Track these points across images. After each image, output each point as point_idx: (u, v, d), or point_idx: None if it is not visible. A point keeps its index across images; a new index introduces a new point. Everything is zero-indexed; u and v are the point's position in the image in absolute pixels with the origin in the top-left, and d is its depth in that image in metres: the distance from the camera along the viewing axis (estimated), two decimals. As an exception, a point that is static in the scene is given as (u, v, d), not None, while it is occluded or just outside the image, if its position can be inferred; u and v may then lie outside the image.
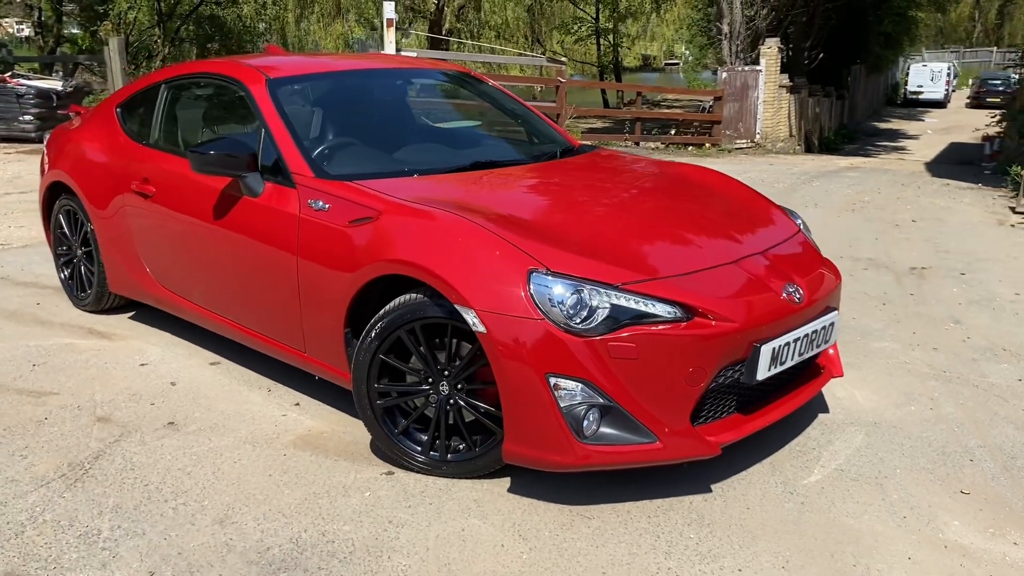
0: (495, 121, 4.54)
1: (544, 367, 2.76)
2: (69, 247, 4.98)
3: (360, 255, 3.16)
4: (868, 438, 3.48)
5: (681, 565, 2.65)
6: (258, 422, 3.59)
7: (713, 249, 3.21)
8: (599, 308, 2.77)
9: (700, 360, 2.82)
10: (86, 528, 2.82)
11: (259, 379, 4.03)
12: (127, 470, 3.19)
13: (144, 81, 4.62)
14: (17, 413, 3.65)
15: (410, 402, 3.16)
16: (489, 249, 2.90)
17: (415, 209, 3.14)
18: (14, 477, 3.14)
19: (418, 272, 2.95)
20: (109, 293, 4.77)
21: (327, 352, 3.43)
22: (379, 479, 3.15)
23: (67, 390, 3.89)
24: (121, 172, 4.37)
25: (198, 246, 3.93)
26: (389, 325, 3.05)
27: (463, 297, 2.83)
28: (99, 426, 3.54)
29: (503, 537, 2.79)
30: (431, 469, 3.15)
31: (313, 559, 2.67)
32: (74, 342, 4.50)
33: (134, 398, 3.82)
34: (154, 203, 4.14)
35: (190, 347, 4.43)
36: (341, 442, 3.44)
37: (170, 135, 4.37)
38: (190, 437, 3.46)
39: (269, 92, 3.82)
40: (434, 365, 3.06)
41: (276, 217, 3.50)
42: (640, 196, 3.70)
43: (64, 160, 4.81)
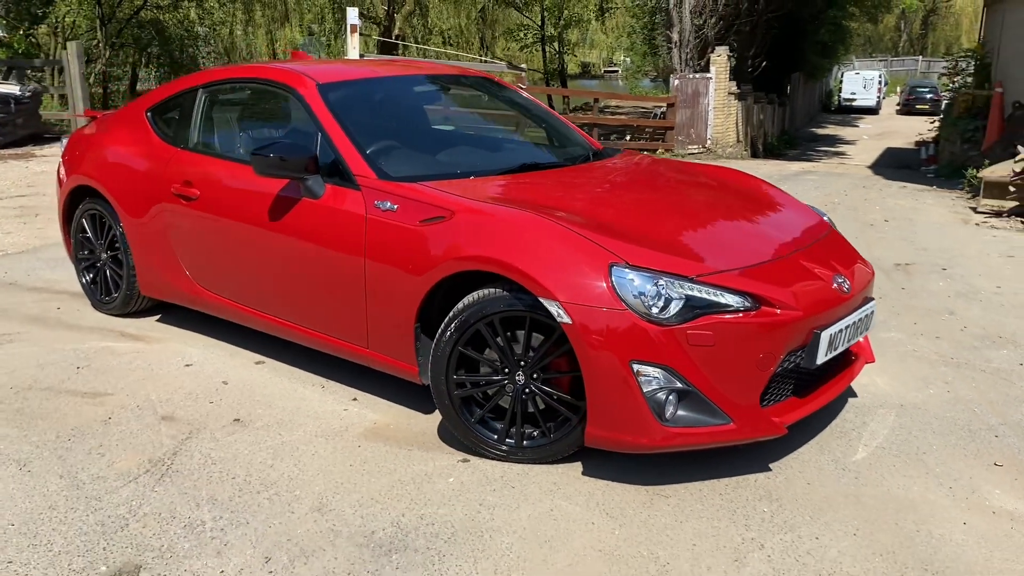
0: (524, 124, 4.70)
1: (628, 355, 2.94)
2: (92, 251, 4.99)
3: (434, 253, 3.30)
4: (899, 419, 3.74)
5: (762, 535, 2.86)
6: (322, 417, 3.70)
7: (766, 243, 3.43)
8: (676, 299, 2.97)
9: (770, 346, 3.04)
10: (189, 519, 2.90)
11: (308, 376, 4.13)
12: (209, 465, 3.27)
13: (176, 86, 4.67)
14: (79, 414, 3.69)
15: (486, 392, 3.30)
16: (569, 245, 3.07)
17: (490, 208, 3.30)
18: (99, 474, 3.19)
19: (500, 268, 3.10)
20: (138, 296, 4.80)
21: (393, 347, 3.56)
22: (457, 466, 3.29)
23: (121, 391, 3.94)
24: (158, 175, 4.42)
25: (248, 247, 4.01)
26: (469, 318, 3.20)
27: (548, 290, 3.00)
28: (166, 424, 3.60)
29: (591, 515, 2.97)
30: (507, 456, 3.30)
31: (419, 540, 2.80)
32: (110, 345, 4.53)
33: (191, 397, 3.88)
34: (198, 206, 4.20)
35: (229, 347, 4.49)
36: (409, 433, 3.57)
37: (213, 139, 4.44)
38: (260, 432, 3.55)
39: (322, 97, 3.93)
40: (511, 356, 3.21)
41: (340, 218, 3.61)
42: (687, 194, 3.91)
43: (89, 164, 4.82)
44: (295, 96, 4.01)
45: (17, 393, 3.90)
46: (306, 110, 3.93)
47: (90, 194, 4.89)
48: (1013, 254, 6.80)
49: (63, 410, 3.73)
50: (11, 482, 3.12)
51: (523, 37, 33.54)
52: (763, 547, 2.80)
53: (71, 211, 5.09)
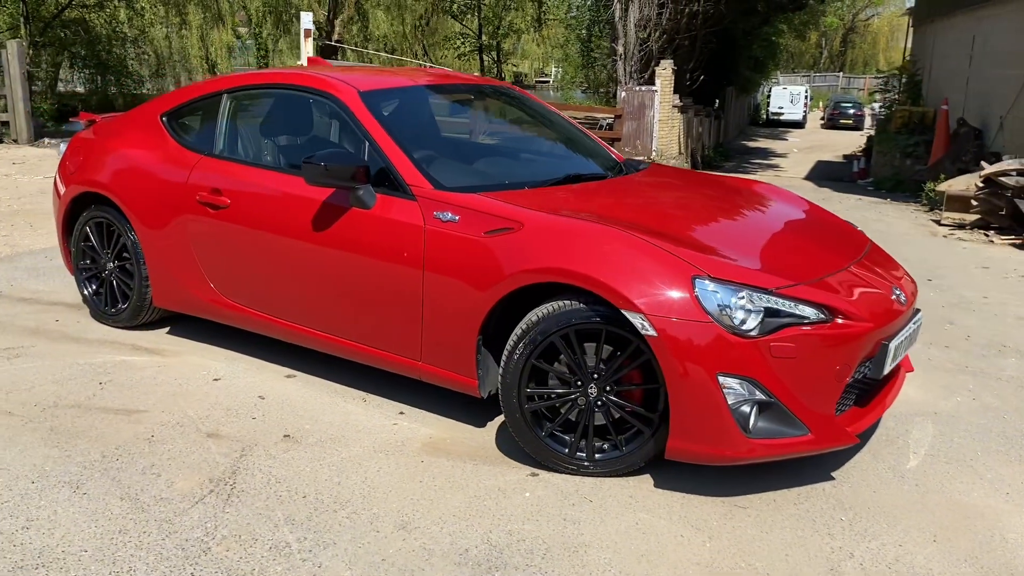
0: (553, 134, 4.68)
1: (715, 367, 2.96)
2: (96, 261, 4.79)
3: (502, 265, 3.26)
4: (937, 427, 3.85)
5: (848, 544, 2.91)
6: (374, 432, 3.61)
7: (824, 256, 3.50)
8: (757, 311, 3.00)
9: (847, 357, 3.10)
10: (272, 541, 2.80)
11: (346, 390, 4.03)
12: (273, 483, 3.17)
13: (195, 90, 4.52)
14: (118, 432, 3.53)
15: (554, 405, 3.28)
16: (650, 258, 3.08)
17: (563, 221, 3.28)
18: (161, 495, 3.06)
19: (581, 280, 3.09)
20: (150, 308, 4.62)
21: (451, 360, 3.51)
22: (528, 480, 3.26)
23: (155, 407, 3.78)
24: (179, 183, 4.26)
25: (285, 258, 3.90)
26: (545, 331, 3.17)
27: (632, 303, 3.00)
28: (214, 441, 3.47)
29: (677, 528, 2.97)
30: (578, 469, 3.28)
31: (515, 557, 2.76)
32: (127, 359, 4.34)
33: (231, 413, 3.75)
34: (228, 215, 4.07)
35: (254, 361, 4.36)
36: (469, 447, 3.51)
37: (244, 146, 4.30)
38: (315, 449, 3.45)
39: (367, 106, 3.86)
40: (585, 368, 3.20)
41: (395, 229, 3.55)
42: (736, 207, 3.95)
43: (97, 170, 4.62)
44: (336, 104, 3.92)
45: (44, 411, 3.70)
46: (349, 118, 3.85)
47: (96, 201, 4.69)
48: (988, 265, 7.09)
49: (100, 428, 3.55)
50: (69, 506, 2.96)
51: (460, 46, 33.54)
52: (852, 556, 2.84)
53: (71, 219, 4.87)
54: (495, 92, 4.89)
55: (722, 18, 23.04)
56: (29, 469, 3.20)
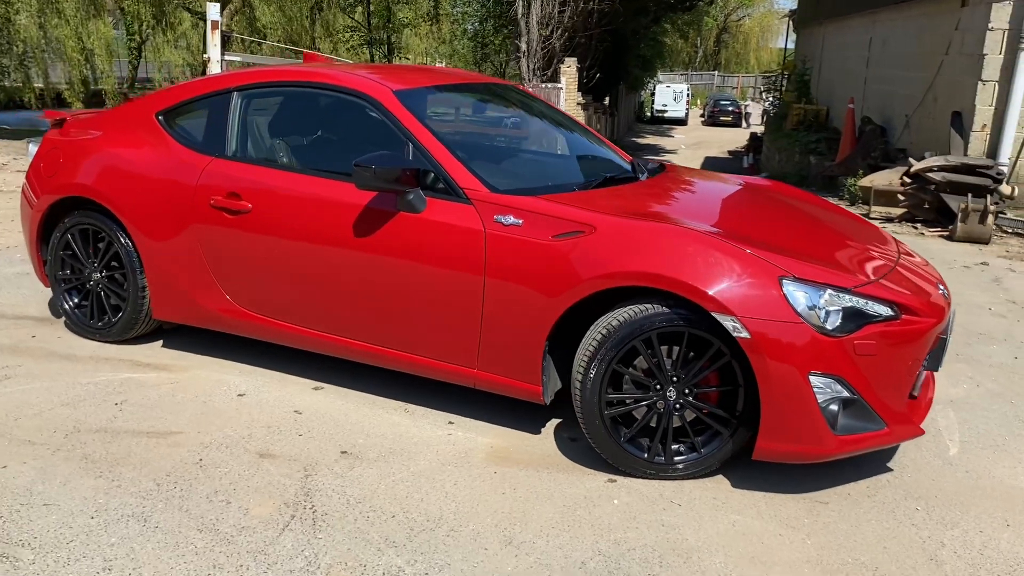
0: (568, 135, 4.63)
1: (807, 367, 3.00)
2: (79, 271, 4.44)
3: (576, 269, 3.21)
4: (958, 414, 4.04)
5: (935, 533, 3.01)
6: (432, 444, 3.50)
7: (874, 254, 3.60)
8: (838, 310, 3.06)
9: (917, 352, 3.21)
10: (383, 567, 2.67)
11: (383, 401, 3.89)
12: (354, 504, 3.01)
13: (195, 88, 4.23)
14: (161, 457, 3.28)
15: (632, 410, 3.26)
16: (735, 259, 3.09)
17: (639, 223, 3.25)
18: (241, 524, 2.86)
19: (667, 284, 3.07)
20: (146, 320, 4.32)
21: (514, 367, 3.43)
22: (608, 487, 3.22)
23: (189, 428, 3.53)
24: (186, 186, 3.99)
25: (320, 265, 3.72)
26: (627, 336, 3.14)
27: (723, 306, 3.00)
28: (270, 462, 3.28)
29: (772, 527, 3.00)
30: (656, 473, 3.27)
31: (633, 567, 2.73)
32: (132, 376, 4.04)
33: (273, 431, 3.55)
34: (249, 221, 3.84)
35: (271, 374, 4.14)
36: (533, 456, 3.45)
37: (262, 148, 4.06)
38: (380, 465, 3.30)
39: (406, 106, 3.72)
40: (665, 372, 3.19)
41: (451, 234, 3.44)
42: (776, 206, 4.01)
43: (83, 173, 4.27)
44: (371, 104, 3.76)
45: (68, 437, 3.40)
46: (389, 120, 3.70)
47: (80, 207, 4.34)
48: (929, 257, 7.48)
49: (139, 453, 3.30)
50: (146, 542, 2.73)
51: (349, 38, 32.88)
52: (944, 545, 2.94)
53: (47, 227, 4.50)
54: (507, 91, 4.80)
55: (616, 16, 23.51)
56: (81, 503, 2.93)
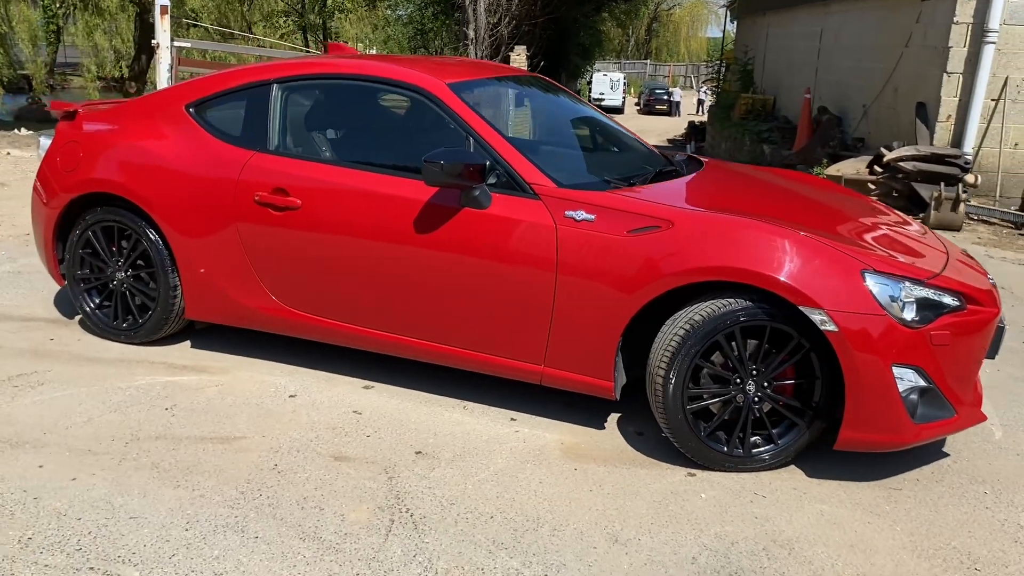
0: (604, 127, 4.60)
1: (891, 358, 3.07)
2: (101, 270, 4.25)
3: (655, 264, 3.21)
4: (988, 399, 4.17)
5: (1011, 516, 3.11)
6: (502, 441, 3.47)
7: (927, 246, 3.68)
8: (914, 301, 3.14)
9: (983, 341, 3.31)
10: (501, 569, 2.64)
11: (437, 399, 3.83)
12: (448, 505, 2.97)
13: (229, 79, 4.07)
14: (234, 464, 3.17)
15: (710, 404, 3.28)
16: (817, 253, 3.13)
17: (718, 217, 3.27)
18: (342, 531, 2.79)
19: (753, 279, 3.09)
20: (176, 320, 4.17)
21: (585, 363, 3.42)
22: (691, 481, 3.24)
23: (251, 432, 3.43)
24: (225, 181, 3.86)
25: (376, 262, 3.64)
26: (712, 330, 3.16)
27: (812, 299, 3.04)
28: (348, 465, 3.20)
29: (859, 515, 3.06)
30: (734, 466, 3.30)
31: (742, 560, 2.75)
32: (172, 380, 3.90)
33: (339, 433, 3.47)
34: (298, 217, 3.74)
35: (316, 373, 4.04)
36: (606, 451, 3.45)
37: (308, 142, 3.94)
38: (459, 465, 3.26)
39: (463, 99, 3.66)
40: (746, 366, 3.22)
41: (520, 230, 3.40)
42: (826, 199, 4.05)
43: (108, 168, 4.09)
44: (426, 98, 3.69)
45: (129, 446, 3.27)
46: (446, 114, 3.64)
47: (103, 203, 4.16)
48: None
49: (210, 460, 3.18)
50: (251, 554, 2.64)
51: (284, 24, 32.21)
52: (1022, 526, 3.05)
53: (64, 224, 4.30)
54: (540, 84, 4.73)
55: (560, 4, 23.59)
56: (169, 515, 2.82)
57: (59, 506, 2.82)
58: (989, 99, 8.98)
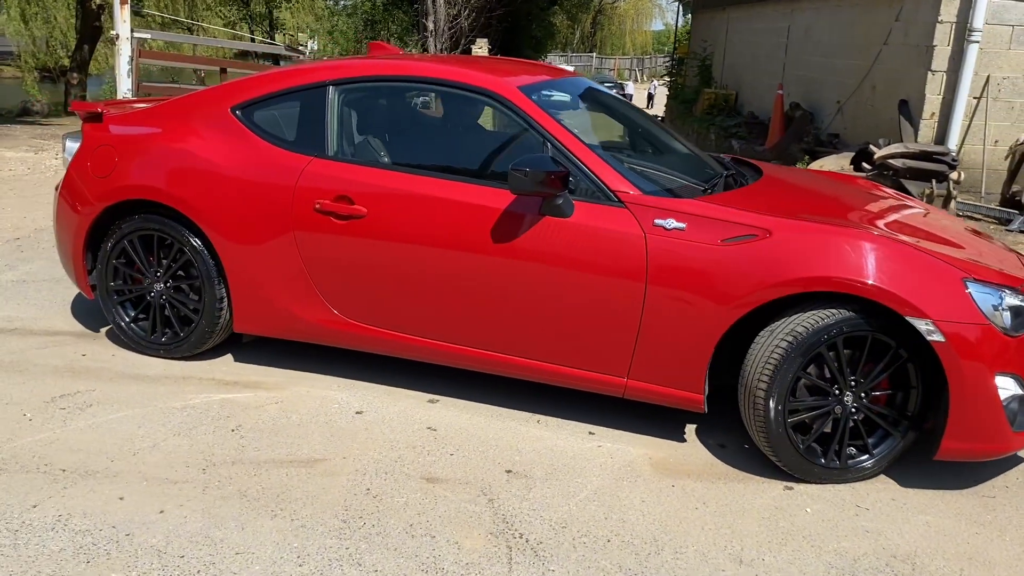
0: (655, 129, 4.49)
1: (993, 367, 3.05)
2: (137, 282, 4.03)
3: (752, 275, 3.14)
4: None
5: (1107, 522, 3.14)
6: (588, 457, 3.37)
7: (1001, 252, 3.69)
8: (1011, 309, 3.13)
9: (1065, 346, 3.32)
10: (637, 596, 2.54)
11: (510, 412, 3.72)
12: (559, 529, 2.86)
13: (277, 80, 3.87)
14: (324, 489, 3.02)
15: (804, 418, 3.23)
16: (919, 262, 3.10)
17: (817, 226, 3.21)
18: (462, 560, 2.66)
19: (858, 289, 3.04)
20: (221, 333, 3.97)
21: (673, 376, 3.34)
22: (791, 495, 3.19)
23: (330, 454, 3.27)
24: (283, 188, 3.68)
25: (449, 273, 3.50)
26: (816, 342, 3.10)
27: (919, 310, 3.00)
28: (442, 487, 3.07)
29: (964, 526, 3.05)
30: (831, 478, 3.26)
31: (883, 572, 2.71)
32: (226, 397, 3.70)
33: (421, 452, 3.33)
34: (364, 226, 3.58)
35: (376, 387, 3.89)
36: (697, 465, 3.38)
37: (370, 147, 3.76)
38: (555, 484, 3.15)
39: (538, 104, 3.54)
40: (846, 377, 3.18)
41: (605, 239, 3.30)
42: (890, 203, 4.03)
43: (148, 174, 3.86)
44: (498, 102, 3.56)
45: (207, 472, 3.08)
46: (521, 119, 3.52)
47: (140, 210, 3.93)
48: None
49: (297, 485, 3.02)
50: (376, 587, 2.50)
51: (227, 14, 31.46)
52: (1121, 533, 3.07)
53: (96, 233, 4.06)
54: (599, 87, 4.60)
55: (512, 0, 23.51)
56: (276, 549, 2.66)
57: (156, 543, 2.64)
58: (972, 97, 9.15)
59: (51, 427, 3.34)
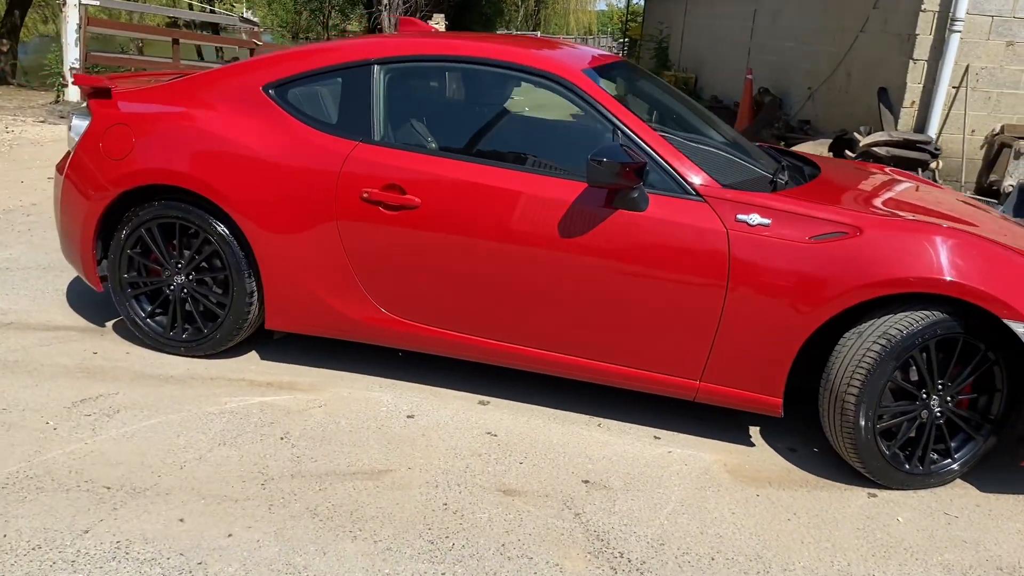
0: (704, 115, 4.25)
1: (1083, 370, 2.98)
2: (154, 273, 3.71)
3: (843, 274, 3.00)
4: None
5: None
6: (663, 464, 3.20)
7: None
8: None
9: None
10: (761, 621, 2.39)
11: (567, 415, 3.53)
12: (659, 546, 2.69)
13: (314, 57, 3.57)
14: (399, 505, 2.78)
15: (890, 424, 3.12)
16: (1009, 262, 2.99)
17: (909, 224, 3.08)
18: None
19: (956, 290, 2.92)
20: (248, 329, 3.69)
21: (751, 379, 3.19)
22: (876, 502, 3.08)
23: (393, 464, 3.03)
24: (326, 174, 3.40)
25: (510, 269, 3.28)
26: (910, 346, 2.98)
27: (1017, 312, 2.90)
28: (522, 501, 2.87)
29: (1055, 534, 2.98)
30: (914, 484, 3.16)
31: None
32: (266, 400, 3.43)
33: (486, 460, 3.12)
34: (416, 217, 3.33)
35: (418, 387, 3.65)
36: (774, 472, 3.24)
37: (423, 132, 3.49)
38: (637, 494, 2.98)
39: (605, 88, 3.33)
40: (935, 381, 3.07)
41: (684, 235, 3.12)
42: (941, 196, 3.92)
43: (172, 156, 3.53)
44: (562, 86, 3.33)
45: (266, 487, 2.82)
46: (588, 104, 3.31)
47: (159, 196, 3.61)
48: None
49: (368, 501, 2.78)
50: (488, 619, 2.30)
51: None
52: None
53: (108, 220, 3.72)
54: (631, 68, 4.34)
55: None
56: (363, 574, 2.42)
57: (234, 572, 2.38)
58: (951, 86, 9.21)
59: (80, 437, 3.03)
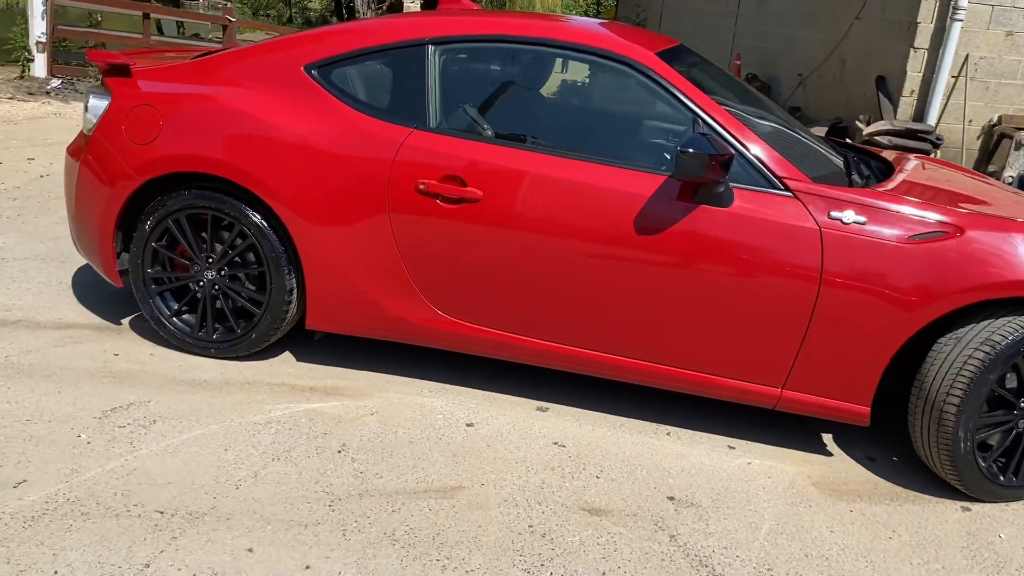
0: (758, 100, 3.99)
1: None
2: (182, 268, 3.41)
3: (946, 277, 2.82)
4: None
5: None
6: (748, 478, 3.01)
7: None
8: None
9: None
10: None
11: (633, 423, 3.32)
12: (768, 571, 2.50)
13: (361, 35, 3.28)
14: (480, 527, 2.55)
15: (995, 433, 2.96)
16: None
17: (1011, 223, 2.91)
18: (682, 618, 2.27)
19: (1057, 297, 2.77)
20: (285, 329, 3.42)
21: (840, 387, 3.01)
22: (972, 517, 2.92)
23: (463, 480, 2.80)
24: (378, 163, 3.14)
25: (581, 269, 3.05)
26: (1014, 353, 2.81)
27: None
28: (610, 521, 2.66)
29: None
30: (1006, 496, 3.01)
31: (1113, 621, 2.46)
32: (312, 408, 3.16)
33: (562, 475, 2.90)
34: (478, 212, 3.08)
35: (471, 392, 3.41)
36: (859, 484, 3.07)
37: (484, 120, 3.22)
38: (727, 512, 2.78)
39: (683, 75, 3.11)
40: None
41: (773, 233, 2.92)
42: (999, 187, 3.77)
43: (206, 142, 3.22)
44: (638, 71, 3.10)
45: (334, 509, 2.56)
46: (666, 91, 3.08)
47: (189, 184, 3.32)
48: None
49: (447, 524, 2.54)
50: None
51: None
52: None
53: (130, 210, 3.42)
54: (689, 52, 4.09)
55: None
56: (466, 612, 2.19)
57: (321, 612, 2.13)
58: (950, 76, 9.14)
59: (118, 452, 2.74)
